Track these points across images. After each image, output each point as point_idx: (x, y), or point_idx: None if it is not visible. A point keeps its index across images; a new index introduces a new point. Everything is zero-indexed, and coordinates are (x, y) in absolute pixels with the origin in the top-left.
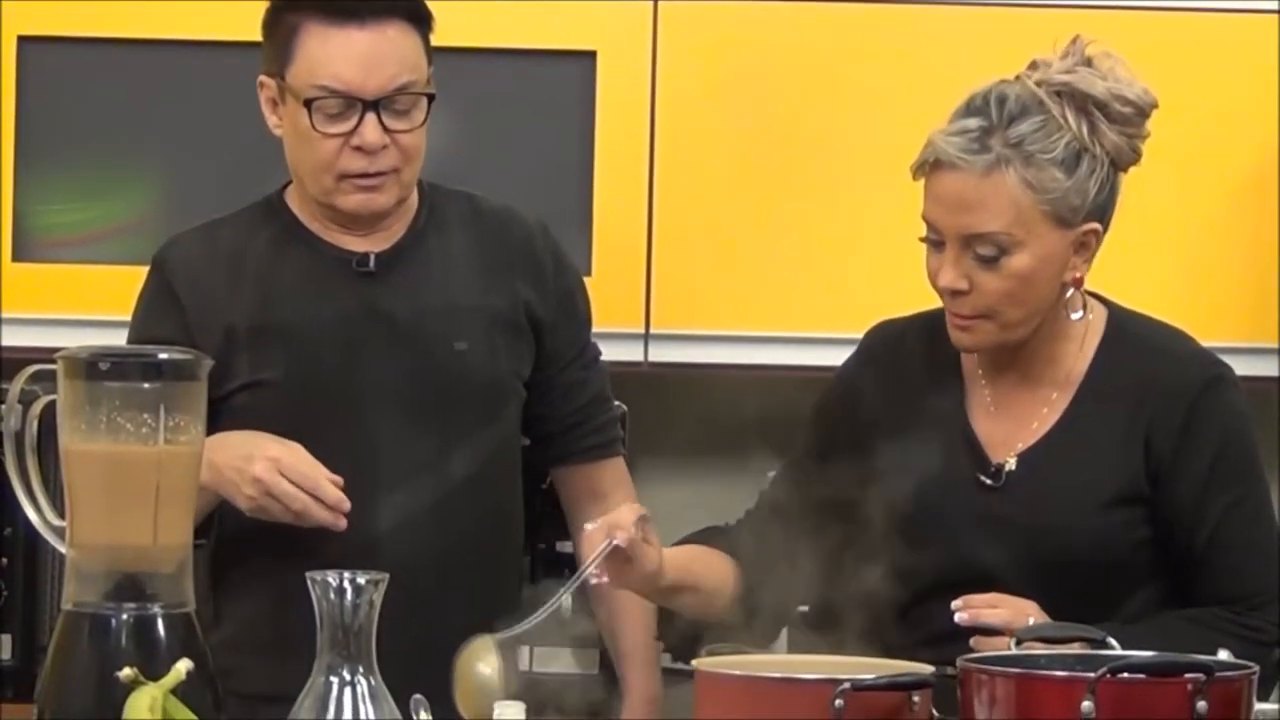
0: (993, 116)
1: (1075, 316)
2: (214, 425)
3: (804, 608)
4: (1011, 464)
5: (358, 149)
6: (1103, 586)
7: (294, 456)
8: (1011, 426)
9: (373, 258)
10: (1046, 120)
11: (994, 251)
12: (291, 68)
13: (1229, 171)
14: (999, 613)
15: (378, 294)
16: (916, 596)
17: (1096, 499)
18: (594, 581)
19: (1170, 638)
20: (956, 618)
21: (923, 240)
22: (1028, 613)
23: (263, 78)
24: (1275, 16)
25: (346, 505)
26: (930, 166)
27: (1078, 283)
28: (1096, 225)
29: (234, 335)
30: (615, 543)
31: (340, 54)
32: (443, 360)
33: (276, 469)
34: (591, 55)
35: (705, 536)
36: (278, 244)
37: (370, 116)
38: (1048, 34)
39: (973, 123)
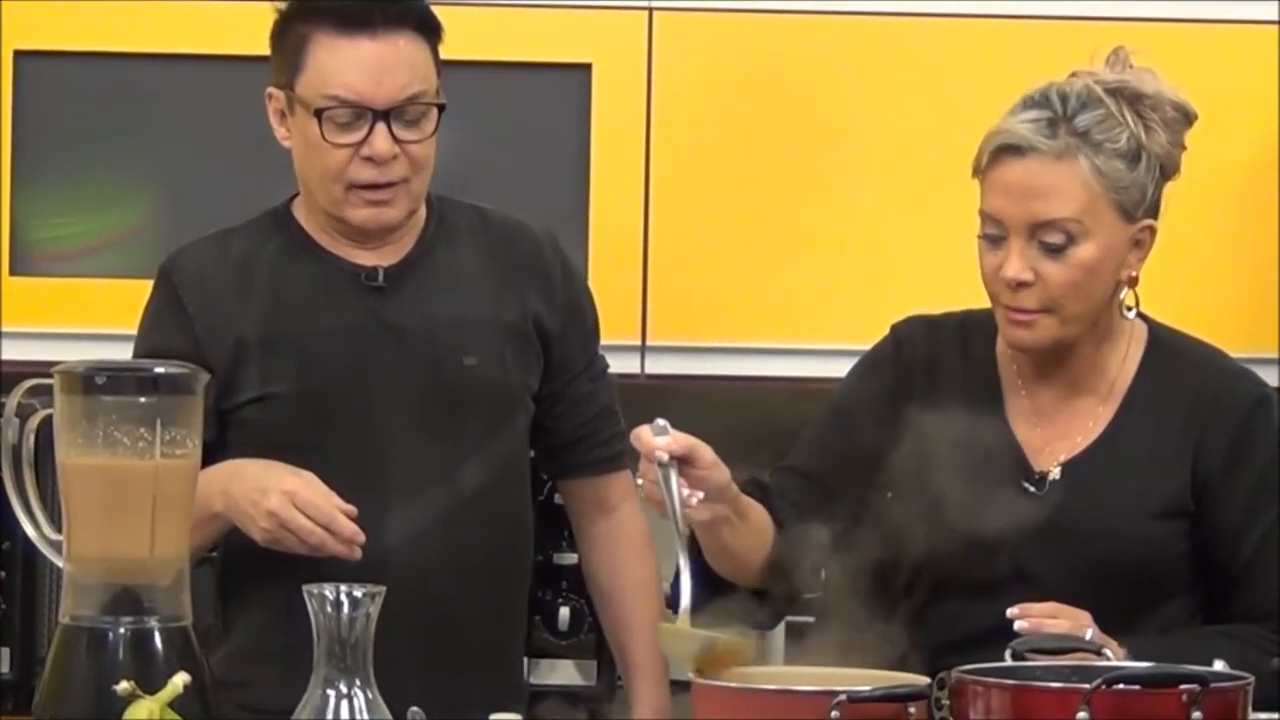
0: (1056, 108)
1: (1130, 315)
2: (224, 437)
3: (803, 618)
4: (1056, 472)
5: (368, 159)
6: (1137, 597)
7: (309, 490)
8: (1053, 434)
9: (381, 272)
10: (1108, 115)
11: (1061, 240)
12: (301, 78)
13: (1229, 181)
14: (1059, 623)
15: (387, 307)
16: (950, 599)
17: (1144, 510)
18: (694, 501)
19: (1206, 651)
20: (1016, 625)
21: (981, 238)
22: (1084, 624)
23: (271, 89)
24: (1275, 28)
25: (361, 538)
26: (997, 156)
27: (1132, 281)
28: (1152, 222)
29: (244, 347)
30: (665, 459)
31: (351, 64)
32: (452, 373)
33: (291, 503)
34: (587, 68)
35: (746, 487)
36: (286, 256)
37: (380, 126)
38: (1046, 47)
39: (1036, 113)
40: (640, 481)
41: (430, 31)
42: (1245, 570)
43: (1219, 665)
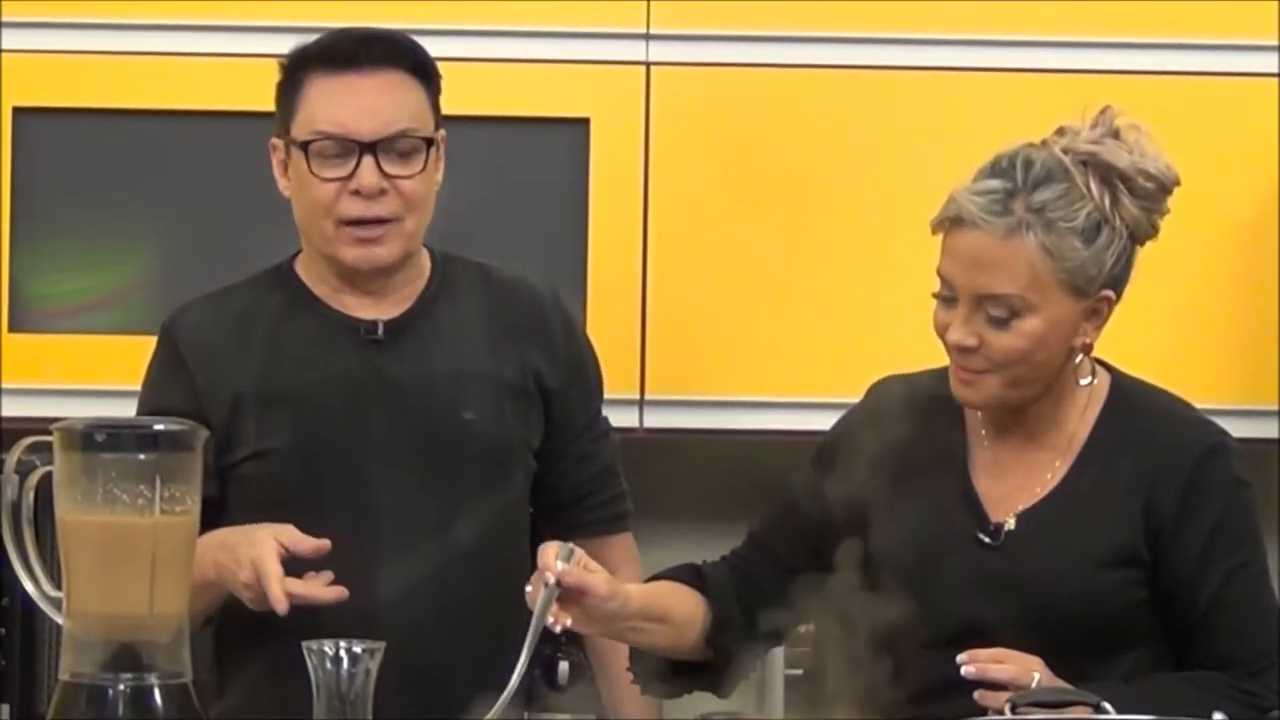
0: (1017, 180)
1: (1084, 382)
2: (224, 492)
3: (797, 670)
4: (1011, 524)
5: (356, 193)
6: (1098, 645)
7: (261, 559)
8: (1012, 487)
9: (381, 325)
10: (1070, 189)
11: (1005, 313)
12: (295, 120)
13: (1229, 233)
14: (1005, 668)
15: (386, 361)
16: (911, 651)
17: (1094, 558)
18: (557, 629)
19: (1168, 699)
20: (963, 671)
21: (935, 295)
22: (1033, 668)
23: (273, 140)
24: (1275, 80)
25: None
26: (950, 223)
27: (1087, 349)
28: (1110, 293)
29: (241, 402)
30: (548, 583)
31: (339, 100)
32: (449, 427)
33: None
34: (585, 122)
35: (677, 572)
36: (286, 311)
37: (368, 160)
38: (1045, 101)
39: (996, 184)
40: (529, 589)
41: (423, 74)
42: (1205, 618)
43: (1218, 717)
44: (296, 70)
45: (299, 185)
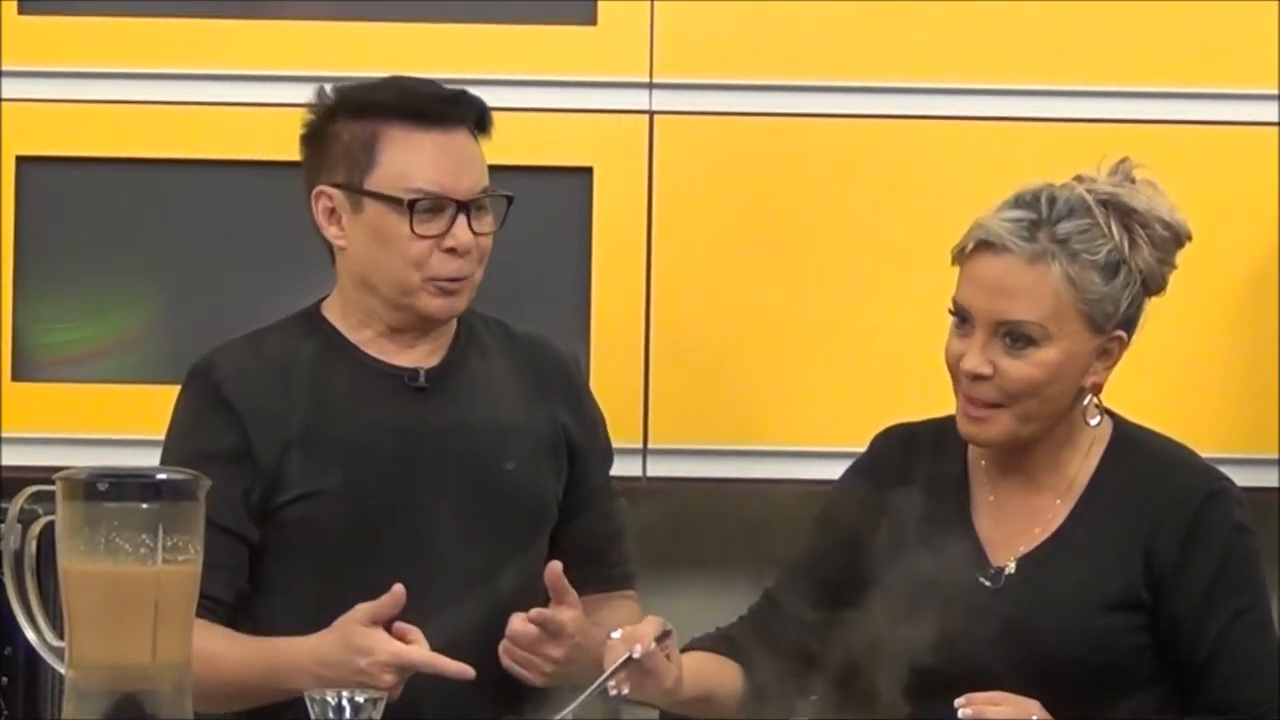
0: (1042, 211)
1: (1093, 423)
2: (270, 536)
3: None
4: (1011, 567)
5: (450, 250)
6: (1100, 690)
7: (405, 655)
8: (1013, 530)
9: (423, 373)
10: (1092, 225)
11: (1023, 341)
12: (374, 174)
13: (1229, 281)
14: (1001, 710)
15: (429, 409)
16: (913, 696)
17: (1094, 603)
18: (613, 693)
19: None
20: (960, 714)
21: (951, 312)
22: (1030, 711)
23: (323, 189)
24: (1275, 129)
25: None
26: (974, 249)
27: (1096, 388)
28: (1122, 334)
29: (290, 446)
30: (633, 655)
31: (431, 158)
32: (494, 477)
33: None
34: (588, 171)
35: (715, 644)
36: (324, 356)
37: (462, 218)
38: (1046, 149)
39: (1021, 214)
40: (614, 636)
41: (484, 130)
42: (1207, 663)
43: None
44: (364, 119)
45: (381, 239)
